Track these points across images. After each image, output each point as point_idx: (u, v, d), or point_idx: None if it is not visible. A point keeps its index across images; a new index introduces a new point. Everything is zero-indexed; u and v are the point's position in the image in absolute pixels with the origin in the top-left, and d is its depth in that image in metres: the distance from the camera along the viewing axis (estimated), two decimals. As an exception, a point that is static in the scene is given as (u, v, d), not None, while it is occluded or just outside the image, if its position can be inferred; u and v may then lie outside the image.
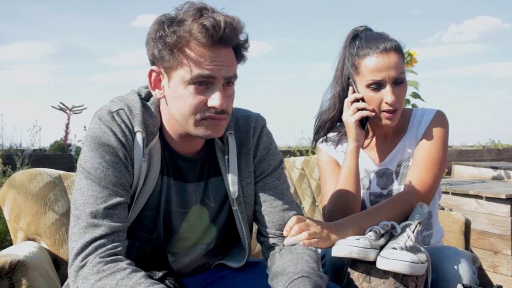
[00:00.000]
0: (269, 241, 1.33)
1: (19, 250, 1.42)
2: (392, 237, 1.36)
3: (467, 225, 2.25)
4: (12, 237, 1.62)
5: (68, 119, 4.23)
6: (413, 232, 1.32)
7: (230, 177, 1.31)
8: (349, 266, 1.34)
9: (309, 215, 2.24)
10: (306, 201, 2.30)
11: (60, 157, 3.49)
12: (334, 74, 1.72)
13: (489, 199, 2.87)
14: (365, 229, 1.37)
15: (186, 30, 1.13)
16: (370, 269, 1.28)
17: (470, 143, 6.34)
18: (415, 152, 1.63)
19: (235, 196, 1.31)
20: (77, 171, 1.20)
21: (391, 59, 1.54)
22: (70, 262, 1.12)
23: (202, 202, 1.33)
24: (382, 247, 1.31)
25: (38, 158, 3.19)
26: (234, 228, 1.37)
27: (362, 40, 1.61)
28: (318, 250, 1.34)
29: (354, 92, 1.62)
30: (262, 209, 1.34)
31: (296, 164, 2.38)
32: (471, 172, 3.78)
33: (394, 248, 1.26)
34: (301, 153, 4.42)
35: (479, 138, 6.41)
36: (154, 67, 1.21)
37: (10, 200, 1.60)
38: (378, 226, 1.35)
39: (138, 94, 1.28)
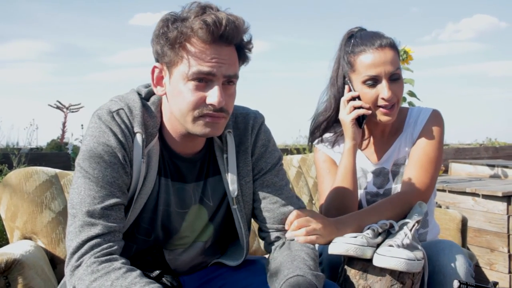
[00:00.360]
0: (270, 236, 1.33)
1: (15, 249, 1.42)
2: (389, 235, 1.36)
3: (464, 222, 2.25)
4: (8, 236, 1.62)
5: (65, 118, 4.22)
6: (410, 230, 1.32)
7: (229, 176, 1.30)
8: (345, 263, 1.34)
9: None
10: (303, 198, 2.30)
11: (57, 155, 3.47)
12: (330, 75, 1.71)
13: (485, 197, 2.87)
14: (363, 227, 1.37)
15: (187, 26, 1.13)
16: (367, 266, 1.28)
17: (467, 141, 6.34)
18: (412, 151, 1.63)
19: (235, 195, 1.30)
20: (75, 170, 1.20)
21: (387, 55, 1.54)
22: (66, 261, 1.12)
23: (201, 201, 1.33)
24: (379, 245, 1.31)
25: (35, 157, 3.18)
26: (231, 226, 1.36)
27: (358, 38, 1.61)
28: (316, 247, 1.35)
29: (350, 91, 1.62)
30: (262, 206, 1.34)
31: (293, 162, 2.38)
32: (468, 170, 3.79)
33: (391, 245, 1.26)
34: (298, 151, 4.42)
35: (476, 136, 6.42)
36: (157, 64, 1.21)
37: (6, 198, 1.60)
38: (377, 225, 1.35)
39: (138, 93, 1.27)
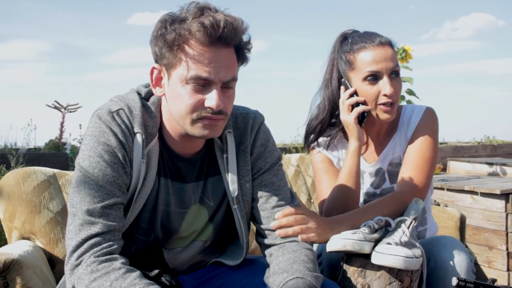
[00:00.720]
0: (265, 241, 1.33)
1: (14, 249, 1.42)
2: (387, 233, 1.36)
3: (462, 220, 2.26)
4: (6, 236, 1.61)
5: (63, 118, 4.21)
6: (408, 227, 1.32)
7: (229, 176, 1.30)
8: (344, 262, 1.34)
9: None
10: (301, 198, 2.30)
11: (55, 155, 3.47)
12: (323, 78, 1.69)
13: (484, 195, 2.88)
14: (358, 226, 1.36)
15: (185, 28, 1.12)
16: (365, 264, 1.29)
17: (466, 140, 6.35)
18: (406, 151, 1.61)
19: (235, 194, 1.30)
20: (75, 169, 1.20)
21: (388, 51, 1.54)
22: (66, 259, 1.12)
23: (201, 201, 1.33)
24: (377, 242, 1.31)
25: (33, 157, 3.17)
26: (231, 225, 1.36)
27: (355, 37, 1.61)
28: (314, 248, 1.34)
29: (346, 90, 1.60)
30: (258, 205, 1.33)
31: (291, 161, 2.38)
32: (466, 168, 3.79)
33: (389, 243, 1.26)
34: (296, 150, 4.41)
35: (474, 135, 6.42)
36: (155, 65, 1.21)
37: (4, 199, 1.59)
38: (372, 221, 1.35)
39: (138, 93, 1.27)
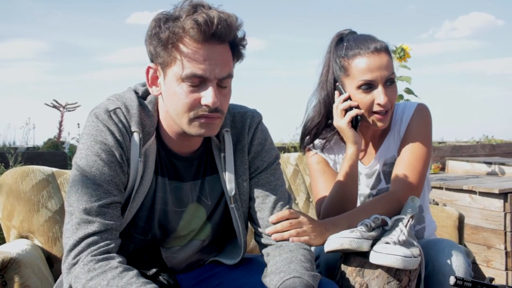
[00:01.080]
0: (263, 240, 1.33)
1: (12, 247, 1.42)
2: (384, 232, 1.36)
3: (461, 220, 2.26)
4: (5, 235, 1.61)
5: (61, 117, 4.20)
6: (405, 226, 1.32)
7: (227, 175, 1.30)
8: (342, 261, 1.34)
9: (303, 211, 2.24)
10: (300, 197, 2.30)
11: (53, 154, 3.46)
12: (319, 79, 1.65)
13: (482, 194, 2.88)
14: (354, 227, 1.35)
15: (179, 26, 1.12)
16: (363, 263, 1.29)
17: (465, 139, 6.35)
18: (399, 150, 1.60)
19: (232, 194, 1.30)
20: (72, 168, 1.20)
21: (383, 59, 1.50)
22: (63, 258, 1.12)
23: (198, 200, 1.33)
24: (375, 241, 1.31)
25: (32, 156, 3.17)
26: (229, 225, 1.36)
27: (351, 41, 1.56)
28: (312, 249, 1.34)
29: (340, 95, 1.56)
30: (255, 205, 1.33)
31: (290, 160, 2.38)
32: (465, 167, 3.79)
33: (387, 242, 1.26)
34: (295, 149, 4.41)
35: (473, 134, 6.42)
36: (151, 64, 1.21)
37: (3, 198, 1.59)
38: (369, 220, 1.35)
39: (135, 92, 1.27)
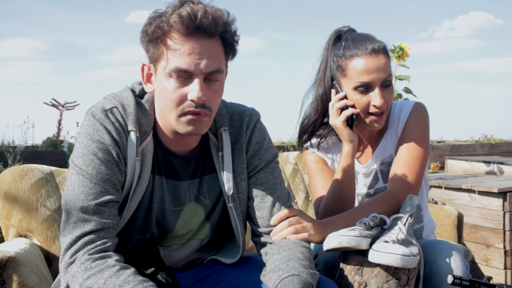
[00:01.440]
0: (261, 238, 1.33)
1: (10, 246, 1.41)
2: (383, 231, 1.36)
3: (460, 219, 2.26)
4: (3, 234, 1.61)
5: (60, 116, 4.19)
6: (404, 225, 1.32)
7: (225, 174, 1.30)
8: (341, 260, 1.34)
9: (302, 210, 2.24)
10: (299, 196, 2.30)
11: (52, 153, 3.45)
12: (316, 77, 1.64)
13: (481, 193, 2.88)
14: (351, 226, 1.34)
15: (165, 21, 1.13)
16: (362, 262, 1.29)
17: (464, 138, 6.36)
18: (397, 149, 1.59)
19: (230, 193, 1.30)
20: (69, 167, 1.20)
21: (380, 61, 1.49)
22: (60, 257, 1.12)
23: (196, 199, 1.32)
24: (374, 240, 1.31)
25: (30, 155, 3.15)
26: (228, 224, 1.36)
27: (349, 40, 1.55)
28: (311, 246, 1.34)
29: (336, 94, 1.56)
30: (254, 204, 1.33)
31: (289, 159, 2.38)
32: (464, 166, 3.80)
33: (386, 241, 1.26)
34: (294, 148, 4.40)
35: (472, 133, 6.42)
36: (146, 62, 1.21)
37: (1, 196, 1.59)
38: (368, 218, 1.35)
39: (132, 91, 1.27)
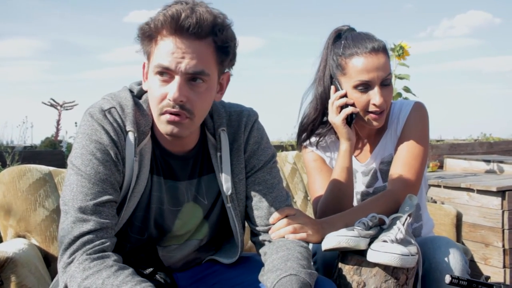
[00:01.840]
0: (259, 238, 1.33)
1: (8, 247, 1.41)
2: (382, 231, 1.36)
3: (459, 218, 2.26)
4: (2, 234, 1.61)
5: (59, 116, 4.19)
6: (403, 224, 1.32)
7: (223, 174, 1.30)
8: (339, 260, 1.34)
9: (301, 210, 2.24)
10: (298, 195, 2.30)
11: (51, 153, 3.45)
12: (315, 75, 1.65)
13: (480, 192, 2.89)
14: (350, 226, 1.35)
15: (154, 19, 1.13)
16: (361, 262, 1.29)
17: (462, 137, 6.36)
18: (396, 148, 1.60)
19: (229, 193, 1.30)
20: (67, 168, 1.20)
21: (380, 60, 1.50)
22: (58, 257, 1.12)
23: (195, 199, 1.32)
24: (373, 239, 1.31)
25: (29, 155, 3.15)
26: (227, 224, 1.36)
27: (349, 39, 1.56)
28: (310, 246, 1.34)
29: (336, 91, 1.57)
30: (252, 204, 1.33)
31: (288, 158, 2.38)
32: (463, 165, 3.80)
33: (385, 241, 1.26)
34: (293, 147, 4.41)
35: (471, 132, 6.43)
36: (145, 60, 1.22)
37: (0, 197, 1.59)
38: (366, 218, 1.35)
39: (131, 91, 1.27)
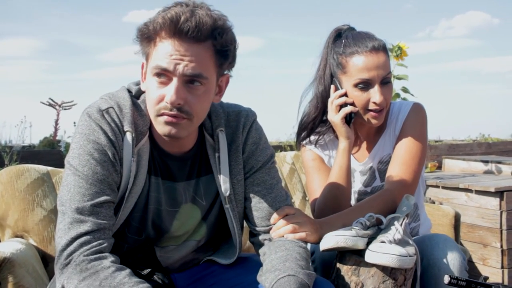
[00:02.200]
0: (259, 238, 1.33)
1: (6, 247, 1.41)
2: (379, 231, 1.36)
3: (457, 218, 2.26)
4: (-1, 234, 1.60)
5: (57, 115, 4.19)
6: (401, 225, 1.32)
7: (222, 175, 1.29)
8: (337, 260, 1.34)
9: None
10: (296, 195, 2.30)
11: (49, 153, 3.45)
12: (316, 74, 1.66)
13: (478, 193, 2.88)
14: (348, 226, 1.35)
15: (154, 21, 1.13)
16: (359, 262, 1.28)
17: (461, 138, 6.36)
18: (394, 148, 1.60)
19: (227, 194, 1.30)
20: (65, 168, 1.19)
21: (380, 58, 1.51)
22: (55, 258, 1.11)
23: (193, 200, 1.32)
24: (371, 240, 1.31)
25: (27, 155, 3.15)
26: (225, 224, 1.36)
27: (349, 38, 1.57)
28: (308, 246, 1.34)
29: (336, 90, 1.58)
30: (251, 205, 1.33)
31: (286, 159, 2.38)
32: (462, 166, 3.80)
33: (383, 241, 1.26)
34: (291, 148, 4.40)
35: (470, 133, 6.43)
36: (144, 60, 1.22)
37: (-3, 197, 1.58)
38: (364, 218, 1.35)
39: (129, 91, 1.27)
